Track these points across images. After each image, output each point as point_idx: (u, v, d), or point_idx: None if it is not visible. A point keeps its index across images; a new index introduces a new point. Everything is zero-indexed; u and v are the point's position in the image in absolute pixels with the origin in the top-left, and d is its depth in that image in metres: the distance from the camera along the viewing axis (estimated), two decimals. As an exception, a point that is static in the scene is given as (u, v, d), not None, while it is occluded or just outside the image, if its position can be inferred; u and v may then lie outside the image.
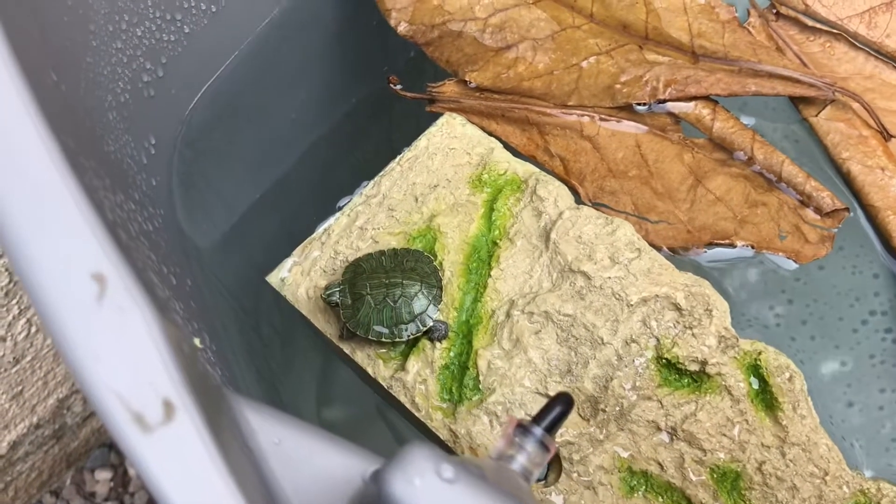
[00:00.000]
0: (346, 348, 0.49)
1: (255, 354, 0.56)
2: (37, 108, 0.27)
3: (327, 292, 0.47)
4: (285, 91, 0.64)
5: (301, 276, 0.50)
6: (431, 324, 0.47)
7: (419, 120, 0.60)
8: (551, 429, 0.32)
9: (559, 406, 0.33)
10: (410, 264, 0.48)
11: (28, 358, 0.64)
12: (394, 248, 0.49)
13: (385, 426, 0.54)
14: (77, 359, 0.24)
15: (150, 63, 0.50)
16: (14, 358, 0.64)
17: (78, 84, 0.39)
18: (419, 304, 0.47)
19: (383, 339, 0.46)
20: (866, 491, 0.46)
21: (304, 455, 0.30)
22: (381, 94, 0.63)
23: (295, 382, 0.59)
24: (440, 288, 0.48)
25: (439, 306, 0.47)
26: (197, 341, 0.33)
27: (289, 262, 0.51)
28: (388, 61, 0.66)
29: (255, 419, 0.31)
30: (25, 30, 0.30)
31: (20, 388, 0.67)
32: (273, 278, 0.51)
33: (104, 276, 0.25)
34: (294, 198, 0.64)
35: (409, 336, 0.47)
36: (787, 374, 0.47)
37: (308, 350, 0.57)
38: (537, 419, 0.32)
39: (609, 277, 0.48)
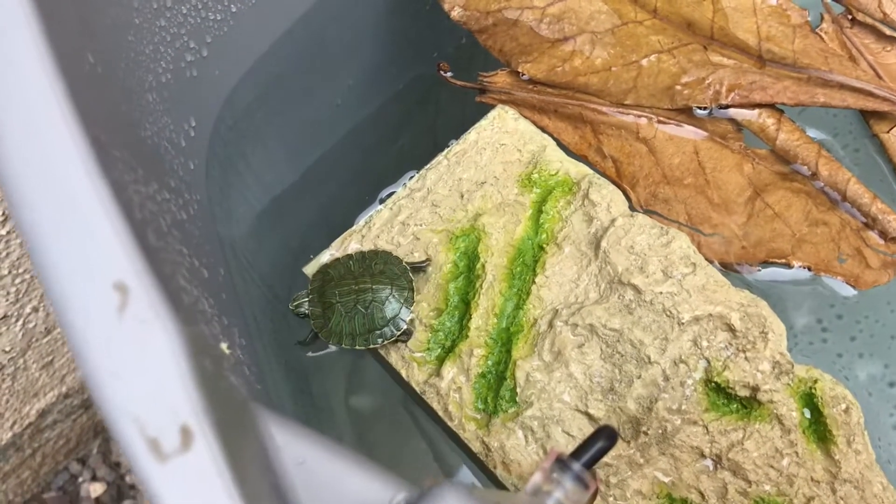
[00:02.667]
0: (382, 349, 0.47)
1: (284, 346, 0.55)
2: (70, 104, 0.25)
3: (295, 303, 0.46)
4: (331, 74, 0.62)
5: (338, 271, 0.49)
6: (405, 327, 0.45)
7: (465, 109, 0.58)
8: (591, 464, 0.30)
9: (602, 440, 0.31)
10: (379, 267, 0.46)
11: (59, 329, 0.63)
12: (361, 252, 0.47)
13: (412, 423, 0.53)
14: (94, 375, 0.22)
15: (195, 42, 0.48)
16: (46, 328, 0.63)
17: (117, 65, 0.38)
18: (391, 308, 0.45)
19: (357, 347, 0.45)
20: (921, 535, 0.43)
21: (328, 477, 0.28)
22: (429, 82, 0.61)
23: (325, 374, 0.57)
24: (411, 289, 0.46)
25: (412, 308, 0.46)
26: (224, 346, 0.32)
27: (326, 254, 0.49)
28: (437, 47, 0.64)
29: (281, 436, 0.29)
30: (63, 13, 0.28)
31: (51, 357, 0.67)
32: (310, 270, 0.49)
33: (127, 286, 0.23)
34: (334, 184, 0.62)
35: (383, 342, 0.45)
36: (844, 406, 0.45)
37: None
38: (577, 453, 0.30)
39: (661, 292, 0.46)
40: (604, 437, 0.31)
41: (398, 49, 0.65)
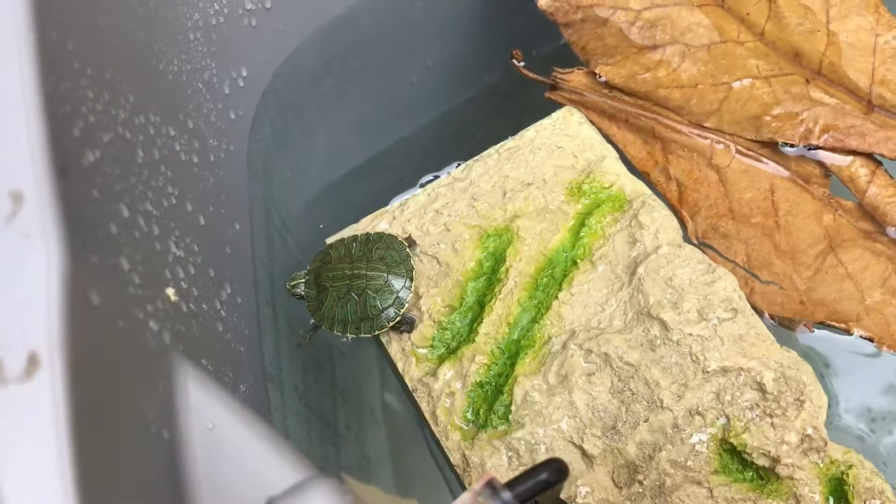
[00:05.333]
0: (383, 336, 0.44)
1: (302, 315, 0.53)
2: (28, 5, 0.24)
3: (292, 283, 0.43)
4: (410, 52, 0.59)
5: (358, 248, 0.46)
6: (396, 318, 0.42)
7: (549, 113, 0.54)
8: (526, 499, 0.27)
9: (545, 474, 0.27)
10: (380, 252, 0.43)
11: None
12: (367, 233, 0.44)
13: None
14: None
15: (257, -10, 0.47)
16: None
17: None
18: (384, 298, 0.42)
19: (348, 335, 0.42)
20: None
21: (233, 448, 0.26)
22: (517, 79, 0.58)
23: (352, 359, 0.55)
24: (411, 278, 0.42)
25: (408, 298, 0.43)
26: (171, 292, 0.30)
27: (353, 229, 0.47)
28: (532, 45, 0.60)
29: (197, 396, 0.27)
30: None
31: None
32: (332, 240, 0.47)
33: (23, 196, 0.22)
34: (395, 164, 0.60)
35: (373, 332, 0.42)
36: (879, 502, 0.39)
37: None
38: (513, 483, 0.27)
39: (690, 333, 0.41)
40: (549, 471, 0.28)
41: (489, 39, 0.62)
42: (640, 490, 0.40)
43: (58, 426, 0.19)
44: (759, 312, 0.45)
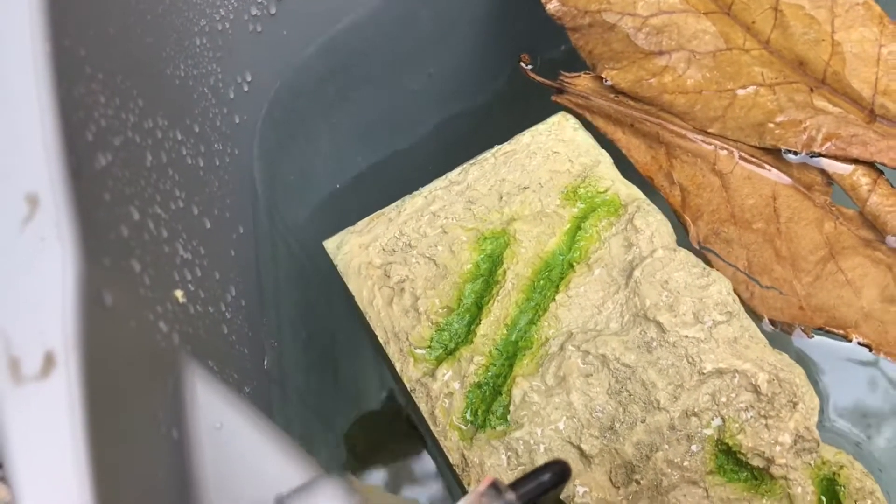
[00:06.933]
0: (381, 335, 0.45)
1: (308, 319, 0.54)
2: (43, 9, 0.24)
3: None
4: (414, 60, 0.60)
5: (358, 249, 0.47)
6: None
7: (525, 117, 0.55)
8: (529, 499, 0.27)
9: (548, 475, 0.28)
10: None
11: None
12: None
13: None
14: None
15: (263, -3, 0.47)
16: None
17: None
18: None
19: None
20: None
21: (240, 448, 0.27)
22: (513, 88, 0.59)
23: (358, 360, 0.55)
24: None
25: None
26: (179, 294, 0.30)
27: (350, 231, 0.48)
28: (539, 51, 0.61)
29: (204, 395, 0.28)
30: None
31: None
32: (330, 244, 0.48)
33: (38, 200, 0.22)
34: (399, 170, 0.60)
35: None
36: (869, 502, 0.40)
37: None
38: (516, 484, 0.28)
39: (686, 336, 0.42)
40: (551, 472, 0.28)
41: (492, 46, 0.63)
42: (637, 490, 0.40)
43: (73, 424, 0.20)
44: (759, 317, 0.46)
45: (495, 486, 0.27)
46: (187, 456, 0.26)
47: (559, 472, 0.28)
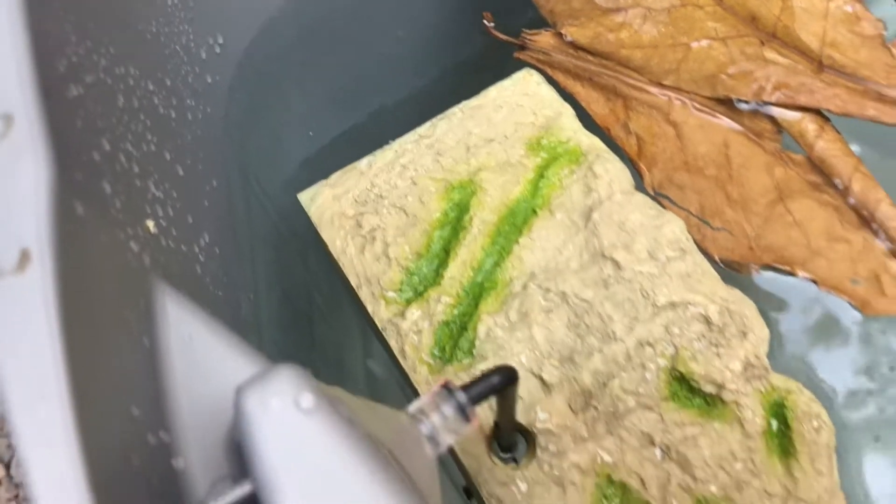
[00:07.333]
0: (354, 280, 0.47)
1: (283, 276, 0.56)
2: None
3: None
4: (382, 23, 0.62)
5: (331, 201, 0.49)
6: None
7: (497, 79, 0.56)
8: (478, 399, 0.30)
9: (496, 378, 0.30)
10: None
11: None
12: None
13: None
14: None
15: (229, -40, 0.49)
16: None
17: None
18: None
19: None
20: (873, 573, 0.40)
21: (208, 355, 0.29)
22: (484, 50, 0.61)
23: (335, 324, 0.58)
24: None
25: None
26: (150, 224, 0.32)
27: (324, 184, 0.50)
28: (499, 16, 0.63)
29: (175, 311, 0.30)
30: None
31: None
32: (304, 196, 0.50)
33: (13, 118, 0.24)
34: (365, 136, 0.62)
35: None
36: (816, 424, 0.42)
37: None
38: (468, 387, 0.30)
39: (641, 272, 0.44)
40: (499, 375, 0.30)
41: (460, 10, 0.64)
42: (595, 415, 0.42)
43: (49, 314, 0.22)
44: (710, 257, 0.48)
45: (447, 388, 0.29)
46: (158, 361, 0.28)
47: (506, 375, 0.31)
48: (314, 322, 0.59)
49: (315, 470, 0.23)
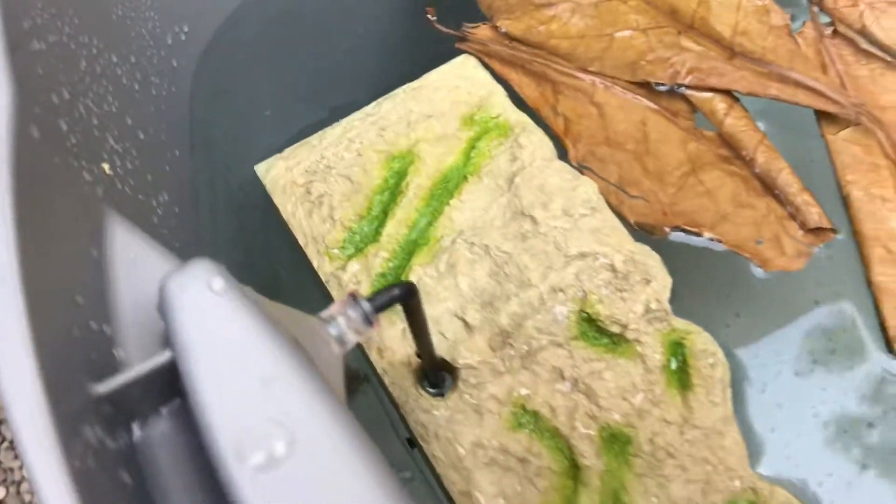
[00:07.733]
0: (301, 239, 0.52)
1: (250, 252, 0.61)
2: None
3: None
4: (339, 20, 0.67)
5: (284, 171, 0.54)
6: None
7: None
8: (380, 308, 0.35)
9: (397, 290, 0.35)
10: None
11: None
12: None
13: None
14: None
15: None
16: None
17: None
18: None
19: None
20: (758, 490, 0.45)
21: (150, 273, 0.34)
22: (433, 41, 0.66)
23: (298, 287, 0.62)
24: None
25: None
26: (106, 166, 0.38)
27: (278, 157, 0.55)
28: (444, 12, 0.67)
29: (123, 238, 0.35)
30: None
31: None
32: (261, 168, 0.55)
33: (-19, 56, 0.30)
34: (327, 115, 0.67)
35: None
36: (711, 361, 0.47)
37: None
38: (372, 297, 0.35)
39: (556, 227, 0.49)
40: (400, 289, 0.36)
41: (413, 7, 0.70)
42: (512, 353, 0.47)
43: (3, 209, 0.27)
44: (626, 221, 0.53)
45: (354, 297, 0.35)
46: (104, 269, 0.33)
47: (406, 288, 0.36)
48: (276, 289, 0.63)
49: (223, 338, 0.28)
